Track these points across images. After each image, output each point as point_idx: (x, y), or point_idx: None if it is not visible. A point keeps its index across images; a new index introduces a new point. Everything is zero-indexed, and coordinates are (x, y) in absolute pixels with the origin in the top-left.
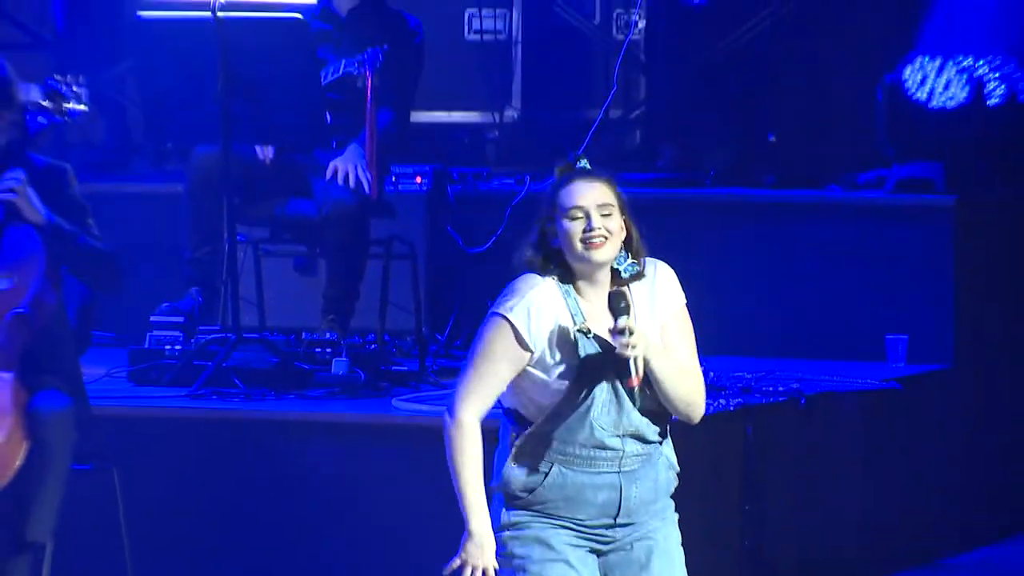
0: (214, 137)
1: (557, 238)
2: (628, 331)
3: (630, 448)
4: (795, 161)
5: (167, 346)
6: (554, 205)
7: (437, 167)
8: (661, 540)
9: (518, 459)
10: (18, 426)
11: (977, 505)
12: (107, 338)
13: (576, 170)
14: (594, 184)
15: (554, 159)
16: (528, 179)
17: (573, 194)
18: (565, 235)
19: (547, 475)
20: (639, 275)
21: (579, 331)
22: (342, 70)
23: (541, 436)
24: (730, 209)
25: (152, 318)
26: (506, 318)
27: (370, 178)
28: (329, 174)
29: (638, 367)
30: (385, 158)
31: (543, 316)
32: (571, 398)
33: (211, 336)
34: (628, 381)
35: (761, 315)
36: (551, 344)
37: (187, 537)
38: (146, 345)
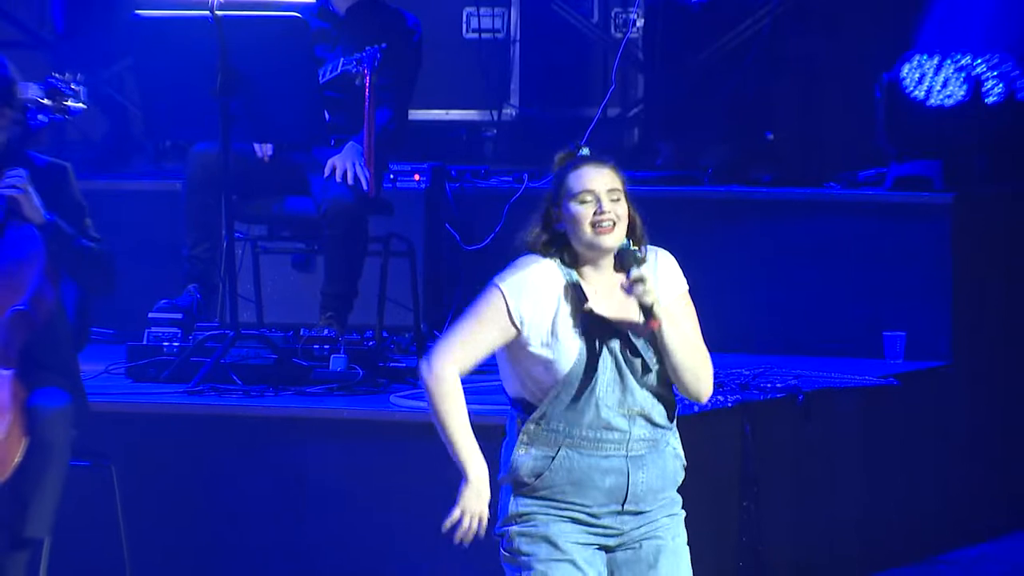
0: (212, 135)
1: (562, 222)
2: (642, 279)
3: (637, 431)
4: (793, 159)
5: (165, 343)
6: (561, 189)
7: (435, 165)
8: (670, 540)
9: (525, 445)
10: (17, 423)
11: (974, 501)
12: (105, 335)
13: (583, 156)
14: (602, 169)
15: (552, 157)
16: (526, 177)
17: (583, 178)
18: (574, 219)
19: (554, 459)
20: (641, 261)
21: (582, 312)
22: (340, 68)
23: (547, 419)
24: (728, 207)
25: (150, 315)
26: (499, 288)
27: (368, 175)
28: (327, 172)
29: (656, 312)
30: (383, 156)
31: (540, 294)
32: (575, 378)
33: (209, 333)
34: (650, 323)
35: (759, 312)
36: (552, 323)
37: (185, 533)
38: (144, 342)
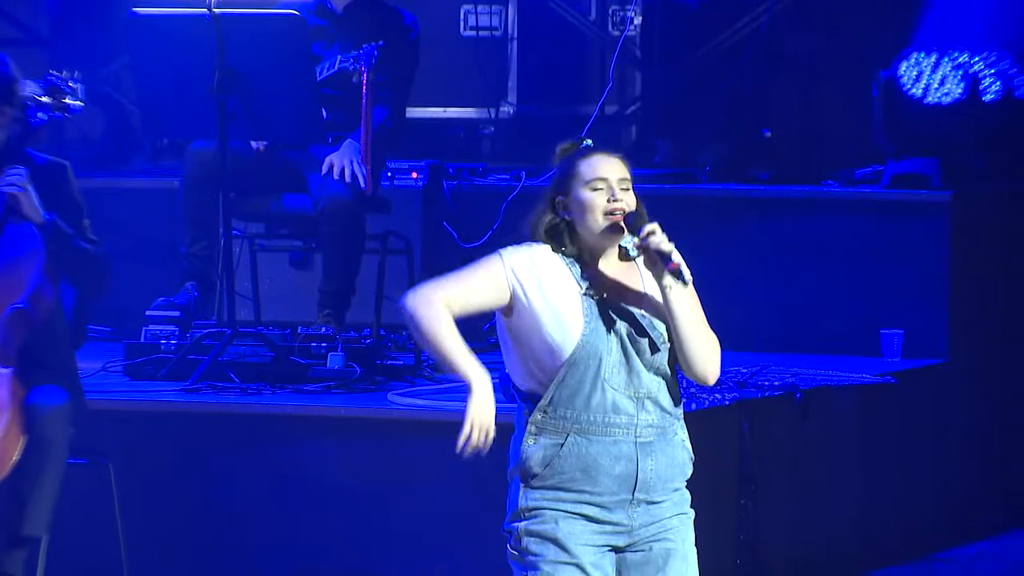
0: (210, 133)
1: (569, 210)
2: (655, 231)
3: (644, 416)
4: (791, 157)
5: (163, 341)
6: (571, 177)
7: (433, 162)
8: (679, 543)
9: (534, 435)
10: (15, 421)
11: (972, 499)
12: (103, 333)
13: (592, 146)
14: (613, 159)
15: (550, 154)
16: (524, 174)
17: (595, 165)
18: (585, 206)
19: (563, 446)
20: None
21: (584, 295)
22: (337, 66)
23: (554, 405)
24: (726, 204)
25: (148, 313)
26: (500, 253)
27: (366, 173)
28: (325, 169)
29: (674, 258)
30: (381, 153)
31: (540, 269)
32: (580, 359)
33: (207, 331)
34: (671, 265)
35: (757, 310)
36: (553, 303)
37: (182, 530)
38: (142, 340)
